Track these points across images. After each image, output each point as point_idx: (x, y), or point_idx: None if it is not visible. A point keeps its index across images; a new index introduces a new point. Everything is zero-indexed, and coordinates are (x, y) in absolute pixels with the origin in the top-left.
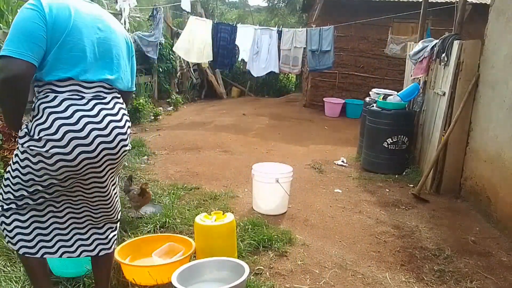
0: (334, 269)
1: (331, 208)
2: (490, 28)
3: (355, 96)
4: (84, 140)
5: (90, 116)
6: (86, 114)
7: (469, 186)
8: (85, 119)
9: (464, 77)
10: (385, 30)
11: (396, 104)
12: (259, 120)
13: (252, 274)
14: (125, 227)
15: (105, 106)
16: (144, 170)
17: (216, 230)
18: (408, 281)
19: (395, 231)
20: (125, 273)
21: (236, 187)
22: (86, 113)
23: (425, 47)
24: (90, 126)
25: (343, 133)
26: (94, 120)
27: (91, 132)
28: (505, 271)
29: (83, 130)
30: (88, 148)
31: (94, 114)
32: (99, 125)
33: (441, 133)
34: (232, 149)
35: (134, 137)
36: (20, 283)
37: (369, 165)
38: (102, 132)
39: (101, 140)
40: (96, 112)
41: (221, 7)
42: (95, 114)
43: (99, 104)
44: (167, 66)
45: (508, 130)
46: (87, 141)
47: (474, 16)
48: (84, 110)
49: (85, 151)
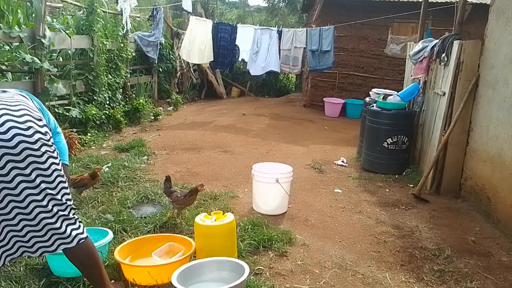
0: (334, 269)
1: (331, 208)
2: (490, 28)
3: (355, 96)
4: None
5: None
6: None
7: (469, 186)
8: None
9: (464, 77)
10: (385, 30)
11: (396, 104)
12: (259, 120)
13: (252, 274)
14: (125, 227)
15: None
16: (144, 170)
17: (216, 230)
18: (408, 281)
19: (395, 231)
20: (125, 273)
21: (236, 187)
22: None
23: (425, 47)
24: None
25: (343, 133)
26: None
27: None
28: (505, 271)
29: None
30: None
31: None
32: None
33: (441, 133)
34: (232, 149)
35: (134, 137)
36: (20, 283)
37: (369, 165)
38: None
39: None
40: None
41: (221, 7)
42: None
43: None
44: (167, 66)
45: (508, 130)
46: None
47: (474, 16)
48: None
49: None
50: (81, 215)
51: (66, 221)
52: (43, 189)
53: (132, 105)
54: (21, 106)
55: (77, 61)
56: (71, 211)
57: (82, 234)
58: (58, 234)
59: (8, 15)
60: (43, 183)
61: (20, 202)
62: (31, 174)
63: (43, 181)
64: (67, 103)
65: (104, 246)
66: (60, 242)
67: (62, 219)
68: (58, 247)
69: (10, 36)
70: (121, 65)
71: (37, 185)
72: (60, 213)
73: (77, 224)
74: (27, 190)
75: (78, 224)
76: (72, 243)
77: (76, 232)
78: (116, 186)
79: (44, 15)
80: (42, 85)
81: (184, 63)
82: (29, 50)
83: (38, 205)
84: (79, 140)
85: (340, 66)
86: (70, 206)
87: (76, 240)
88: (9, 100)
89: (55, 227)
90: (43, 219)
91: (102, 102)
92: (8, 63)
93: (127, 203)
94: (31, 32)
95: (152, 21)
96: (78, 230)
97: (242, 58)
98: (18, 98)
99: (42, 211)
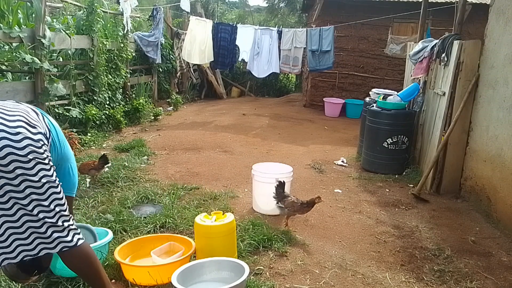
0: (334, 269)
1: (331, 208)
2: (490, 28)
3: (355, 96)
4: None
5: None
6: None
7: (469, 186)
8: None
9: (464, 77)
10: (385, 30)
11: (396, 104)
12: (259, 120)
13: (252, 274)
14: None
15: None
16: (144, 170)
17: (216, 230)
18: (408, 281)
19: (395, 231)
20: (125, 273)
21: (236, 187)
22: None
23: (425, 47)
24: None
25: (343, 133)
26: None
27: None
28: (505, 271)
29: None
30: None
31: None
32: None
33: (441, 133)
34: (232, 149)
35: (134, 137)
36: (20, 283)
37: (369, 165)
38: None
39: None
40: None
41: (222, 6)
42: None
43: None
44: (167, 66)
45: (508, 129)
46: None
47: (474, 16)
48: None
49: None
50: (81, 215)
51: (52, 228)
52: (28, 194)
53: (132, 105)
54: (17, 112)
55: (77, 61)
56: (61, 219)
57: (69, 242)
58: (42, 238)
59: (8, 15)
60: (29, 187)
61: (8, 210)
62: (16, 179)
63: (29, 186)
64: (67, 103)
65: (104, 246)
66: (43, 246)
67: (48, 225)
68: (40, 251)
69: (10, 36)
70: (121, 65)
71: (22, 190)
72: (47, 220)
73: (65, 232)
74: (14, 199)
75: (66, 232)
76: (55, 249)
77: (61, 239)
78: (116, 186)
79: (44, 15)
80: (42, 85)
81: (184, 63)
82: (29, 50)
83: (25, 213)
84: (79, 140)
85: (340, 66)
86: (61, 213)
87: (60, 247)
88: (8, 108)
89: (39, 231)
90: (27, 222)
91: (102, 102)
92: (8, 63)
93: (127, 203)
94: (31, 32)
95: (152, 21)
96: (64, 238)
97: (242, 58)
98: (20, 107)
99: (29, 220)
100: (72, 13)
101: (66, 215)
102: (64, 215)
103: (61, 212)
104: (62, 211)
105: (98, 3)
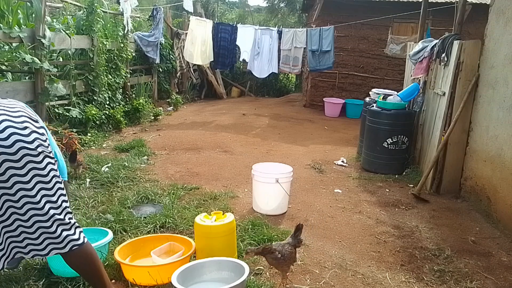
0: (334, 269)
1: (331, 208)
2: (490, 28)
3: (355, 96)
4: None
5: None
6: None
7: (469, 186)
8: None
9: (464, 77)
10: (385, 30)
11: (396, 104)
12: (259, 120)
13: (252, 274)
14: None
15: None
16: (144, 170)
17: (216, 230)
18: (408, 281)
19: (395, 231)
20: (125, 273)
21: (236, 187)
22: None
23: (425, 47)
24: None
25: (343, 133)
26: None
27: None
28: (505, 271)
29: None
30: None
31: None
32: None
33: (441, 133)
34: (232, 149)
35: (134, 137)
36: (20, 284)
37: (369, 165)
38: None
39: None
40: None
41: (222, 6)
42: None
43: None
44: (167, 66)
45: (508, 129)
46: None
47: (474, 16)
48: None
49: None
50: (81, 215)
51: (61, 226)
52: (38, 190)
53: (132, 105)
54: (18, 108)
55: (77, 61)
56: (67, 215)
57: (77, 240)
58: (52, 238)
59: (8, 15)
60: (39, 183)
61: (15, 202)
62: (27, 174)
63: (40, 181)
64: (67, 103)
65: (104, 246)
66: (53, 247)
67: (57, 223)
68: (50, 251)
69: (10, 36)
70: (121, 65)
71: (32, 186)
72: (56, 217)
73: (72, 230)
74: (22, 191)
75: (73, 230)
76: (65, 249)
77: (70, 237)
78: (116, 186)
79: (44, 15)
80: (42, 85)
81: (184, 63)
82: (29, 50)
83: (33, 207)
84: (79, 140)
85: (340, 66)
86: (67, 209)
87: (69, 246)
88: (7, 104)
89: (49, 231)
90: (37, 222)
91: (102, 102)
92: (8, 63)
93: (127, 203)
94: (31, 32)
95: (152, 21)
96: (73, 236)
97: (243, 58)
98: (17, 104)
99: (36, 214)
100: (72, 13)
101: (70, 211)
102: (69, 211)
103: (67, 208)
104: (67, 207)
105: (98, 3)
